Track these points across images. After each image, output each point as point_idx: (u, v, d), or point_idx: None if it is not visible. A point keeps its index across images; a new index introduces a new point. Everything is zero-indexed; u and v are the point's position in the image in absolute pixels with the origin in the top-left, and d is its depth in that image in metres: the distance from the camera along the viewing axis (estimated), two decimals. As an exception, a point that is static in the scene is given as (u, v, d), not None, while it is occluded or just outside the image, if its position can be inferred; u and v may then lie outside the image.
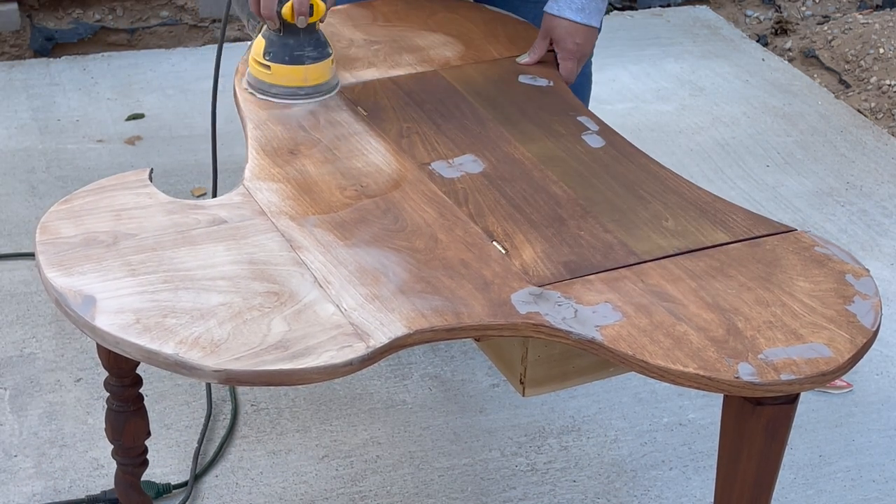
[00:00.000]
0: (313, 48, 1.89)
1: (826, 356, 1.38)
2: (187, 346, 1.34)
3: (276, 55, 1.88)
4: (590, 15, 2.01)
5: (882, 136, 3.29)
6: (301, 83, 1.89)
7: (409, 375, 2.32)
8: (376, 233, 1.57)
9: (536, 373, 1.59)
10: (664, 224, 1.62)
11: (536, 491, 2.07)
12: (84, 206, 1.59)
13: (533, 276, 1.50)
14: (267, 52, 1.88)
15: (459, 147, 1.79)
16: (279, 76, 1.89)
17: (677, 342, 1.39)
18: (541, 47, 2.06)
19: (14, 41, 3.51)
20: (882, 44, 3.66)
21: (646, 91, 3.48)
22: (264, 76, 1.89)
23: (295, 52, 1.88)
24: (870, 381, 2.36)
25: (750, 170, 3.10)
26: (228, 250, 1.51)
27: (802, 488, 2.10)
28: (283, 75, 1.89)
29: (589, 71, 2.27)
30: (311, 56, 1.89)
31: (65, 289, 1.43)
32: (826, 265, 1.54)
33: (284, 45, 1.88)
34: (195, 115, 3.21)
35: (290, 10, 1.85)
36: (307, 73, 1.89)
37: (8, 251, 2.62)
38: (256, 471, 2.08)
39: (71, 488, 2.03)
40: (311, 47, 1.89)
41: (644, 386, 2.31)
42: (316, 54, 1.89)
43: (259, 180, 1.68)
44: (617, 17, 3.99)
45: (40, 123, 3.14)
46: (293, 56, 1.88)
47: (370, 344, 1.36)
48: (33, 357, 2.32)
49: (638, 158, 1.78)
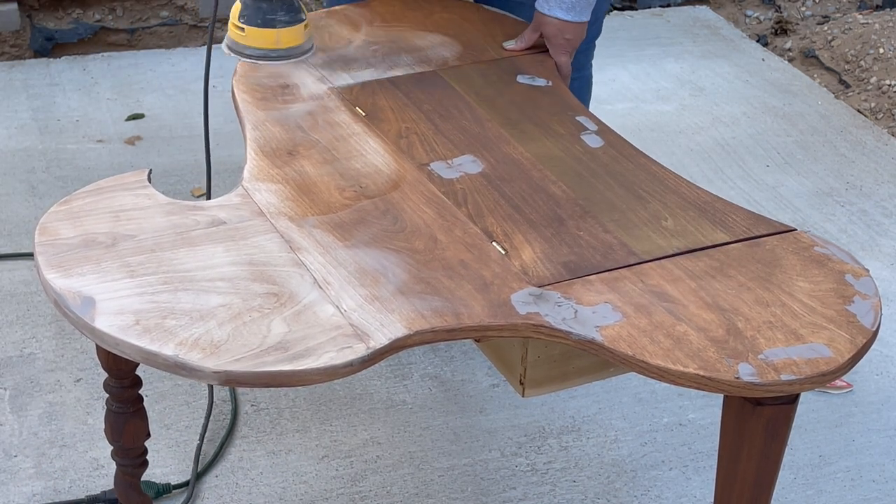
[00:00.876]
0: (285, 12, 1.97)
1: (826, 356, 1.38)
2: (187, 347, 1.34)
3: (250, 18, 1.95)
4: (578, 12, 2.06)
5: (882, 136, 3.29)
6: (273, 45, 1.97)
7: (409, 375, 2.32)
8: (375, 234, 1.57)
9: (536, 373, 1.59)
10: (664, 224, 1.62)
11: (536, 491, 2.07)
12: (83, 208, 1.59)
13: (532, 277, 1.50)
14: (242, 14, 1.95)
15: (458, 147, 1.79)
16: (252, 38, 1.96)
17: (677, 342, 1.39)
18: (529, 38, 2.10)
19: (14, 41, 3.51)
20: (882, 44, 3.66)
21: (646, 91, 3.48)
22: (239, 38, 1.97)
23: (267, 15, 1.96)
24: (870, 381, 2.36)
25: (750, 170, 3.10)
26: (228, 251, 1.51)
27: (802, 488, 2.10)
28: (256, 37, 1.97)
29: (589, 73, 2.29)
30: (283, 20, 1.96)
31: (64, 290, 1.43)
32: (826, 265, 1.54)
33: (258, 8, 1.96)
34: (195, 115, 3.21)
35: None
36: (279, 35, 1.96)
37: (8, 251, 2.62)
38: (256, 471, 2.08)
39: (71, 488, 2.03)
40: (283, 11, 1.97)
41: (644, 386, 2.31)
42: (288, 18, 1.96)
43: (258, 181, 1.68)
44: (617, 17, 3.99)
45: (40, 123, 3.13)
46: (265, 19, 1.95)
47: (370, 345, 1.36)
48: (33, 357, 2.32)
49: (637, 158, 1.78)
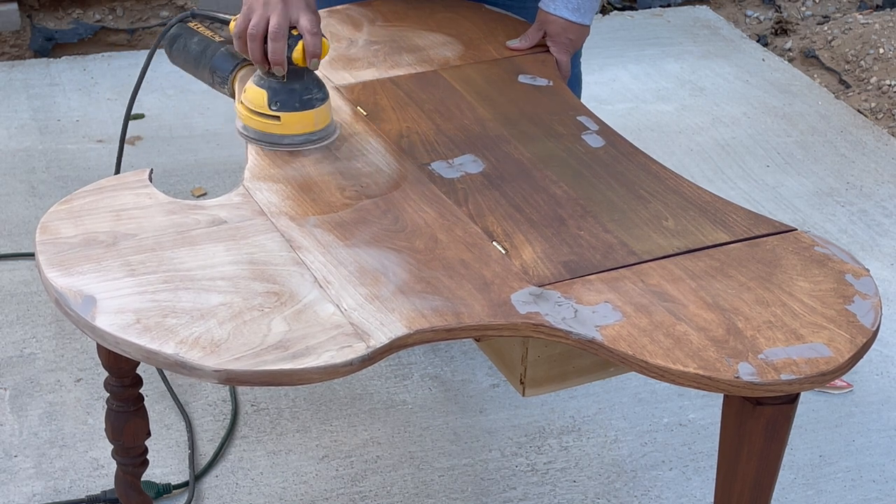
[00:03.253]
0: (318, 89, 1.77)
1: (826, 356, 1.38)
2: (187, 346, 1.34)
3: (286, 103, 1.74)
4: (584, 14, 2.08)
5: (882, 136, 3.29)
6: (313, 128, 1.77)
7: (409, 375, 2.32)
8: (376, 233, 1.57)
9: (536, 373, 1.59)
10: (664, 224, 1.62)
11: (536, 491, 2.07)
12: (84, 207, 1.59)
13: (533, 276, 1.50)
14: (273, 101, 1.74)
15: (459, 147, 1.79)
16: (291, 125, 1.75)
17: (677, 342, 1.39)
18: (533, 37, 2.11)
19: (14, 41, 3.51)
20: (882, 44, 3.66)
21: (646, 91, 3.48)
22: (273, 128, 1.75)
23: (304, 96, 1.75)
24: (870, 381, 2.36)
25: (750, 170, 3.10)
26: (228, 250, 1.51)
27: (802, 488, 2.10)
28: (294, 123, 1.75)
29: (578, 71, 2.30)
30: (319, 98, 1.77)
31: (65, 289, 1.43)
32: (826, 265, 1.54)
33: (291, 90, 1.74)
34: (195, 115, 3.21)
35: (302, 52, 1.71)
36: (317, 116, 1.77)
37: (8, 251, 2.62)
38: (256, 471, 2.08)
39: (71, 488, 2.03)
40: (316, 88, 1.77)
41: (644, 386, 2.31)
42: (322, 94, 1.77)
43: (259, 180, 1.68)
44: (617, 17, 3.99)
45: (40, 123, 3.14)
46: (303, 101, 1.75)
47: (370, 344, 1.36)
48: (33, 357, 2.32)
49: (638, 158, 1.78)
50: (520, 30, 2.17)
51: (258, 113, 1.75)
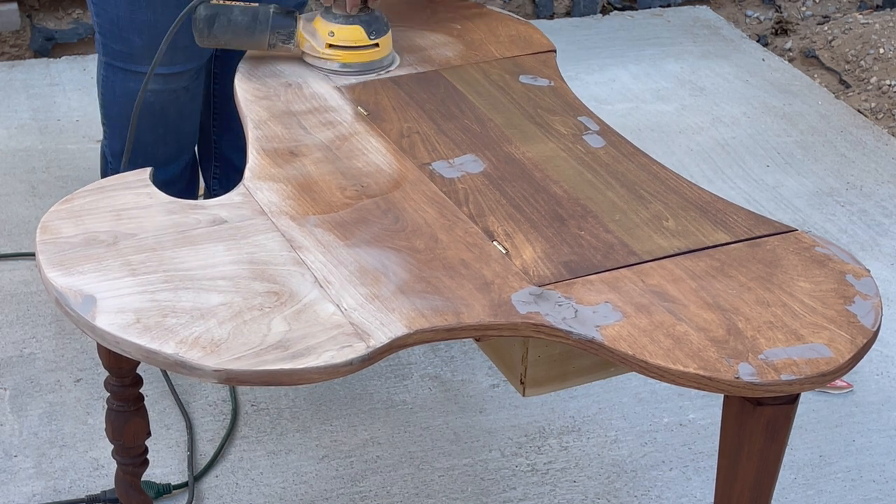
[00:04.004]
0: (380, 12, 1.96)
1: (826, 356, 1.38)
2: (187, 345, 1.34)
3: (379, 30, 1.93)
4: None
5: (882, 136, 3.29)
6: (391, 48, 2.00)
7: (409, 375, 2.32)
8: (377, 233, 1.57)
9: (536, 373, 1.59)
10: (664, 224, 1.62)
11: (536, 491, 2.07)
12: (84, 206, 1.59)
13: (533, 276, 1.50)
14: (370, 31, 1.92)
15: (460, 147, 1.79)
16: (385, 47, 1.96)
17: (677, 342, 1.39)
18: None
19: (14, 41, 3.51)
20: (882, 44, 3.66)
21: (646, 91, 3.48)
22: (374, 55, 1.95)
23: (382, 19, 1.96)
24: (870, 381, 2.36)
25: (750, 170, 3.10)
26: (228, 250, 1.51)
27: (802, 488, 2.10)
28: (385, 45, 1.96)
29: None
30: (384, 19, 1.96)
31: (65, 288, 1.43)
32: (826, 265, 1.54)
33: (375, 18, 1.94)
34: (195, 114, 3.21)
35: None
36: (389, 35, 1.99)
37: (8, 251, 2.62)
38: (256, 471, 2.08)
39: (71, 488, 2.03)
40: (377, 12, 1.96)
41: (644, 386, 2.31)
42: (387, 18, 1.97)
43: (259, 180, 1.68)
44: (617, 17, 3.99)
45: (40, 123, 3.13)
46: (384, 23, 1.95)
47: (370, 344, 1.36)
48: (33, 357, 2.32)
49: (638, 158, 1.78)
50: (521, 30, 2.17)
51: (358, 47, 1.93)
